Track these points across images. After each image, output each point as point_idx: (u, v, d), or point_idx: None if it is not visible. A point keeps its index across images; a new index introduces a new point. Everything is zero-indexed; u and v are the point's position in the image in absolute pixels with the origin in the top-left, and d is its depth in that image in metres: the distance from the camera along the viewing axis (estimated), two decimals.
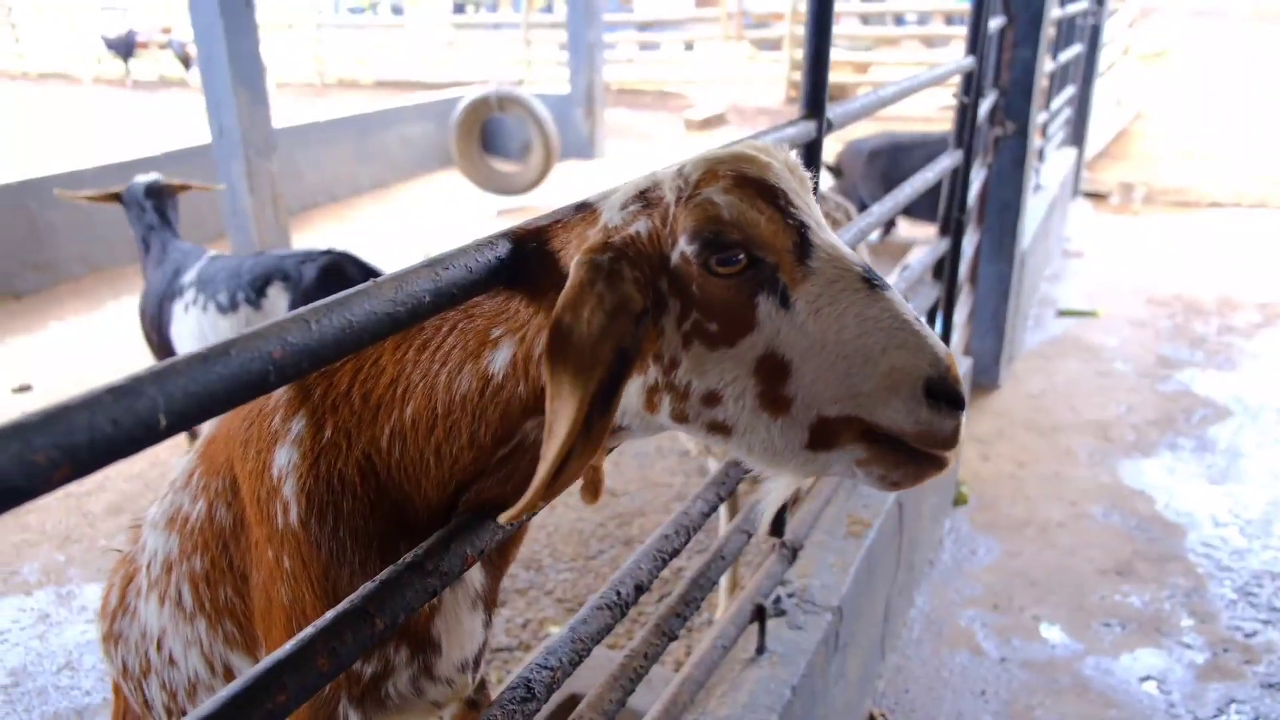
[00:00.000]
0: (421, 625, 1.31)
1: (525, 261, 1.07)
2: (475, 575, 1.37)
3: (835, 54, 10.50)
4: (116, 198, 4.24)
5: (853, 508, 2.89)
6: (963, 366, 4.07)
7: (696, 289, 1.00)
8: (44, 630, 3.50)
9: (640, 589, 1.52)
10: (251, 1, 7.12)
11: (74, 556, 3.96)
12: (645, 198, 1.05)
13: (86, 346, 6.31)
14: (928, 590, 3.67)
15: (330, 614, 0.96)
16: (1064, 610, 3.55)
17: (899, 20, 18.02)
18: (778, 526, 2.32)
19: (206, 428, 1.52)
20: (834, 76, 12.38)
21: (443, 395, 1.12)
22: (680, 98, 16.49)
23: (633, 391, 1.06)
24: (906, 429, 0.96)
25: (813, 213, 1.04)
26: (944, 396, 0.96)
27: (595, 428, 0.97)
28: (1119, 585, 3.67)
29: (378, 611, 0.97)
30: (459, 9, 21.51)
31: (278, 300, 3.74)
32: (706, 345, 1.00)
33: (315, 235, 8.95)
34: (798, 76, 15.69)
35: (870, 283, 1.00)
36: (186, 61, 19.91)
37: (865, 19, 17.09)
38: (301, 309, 0.82)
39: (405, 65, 19.39)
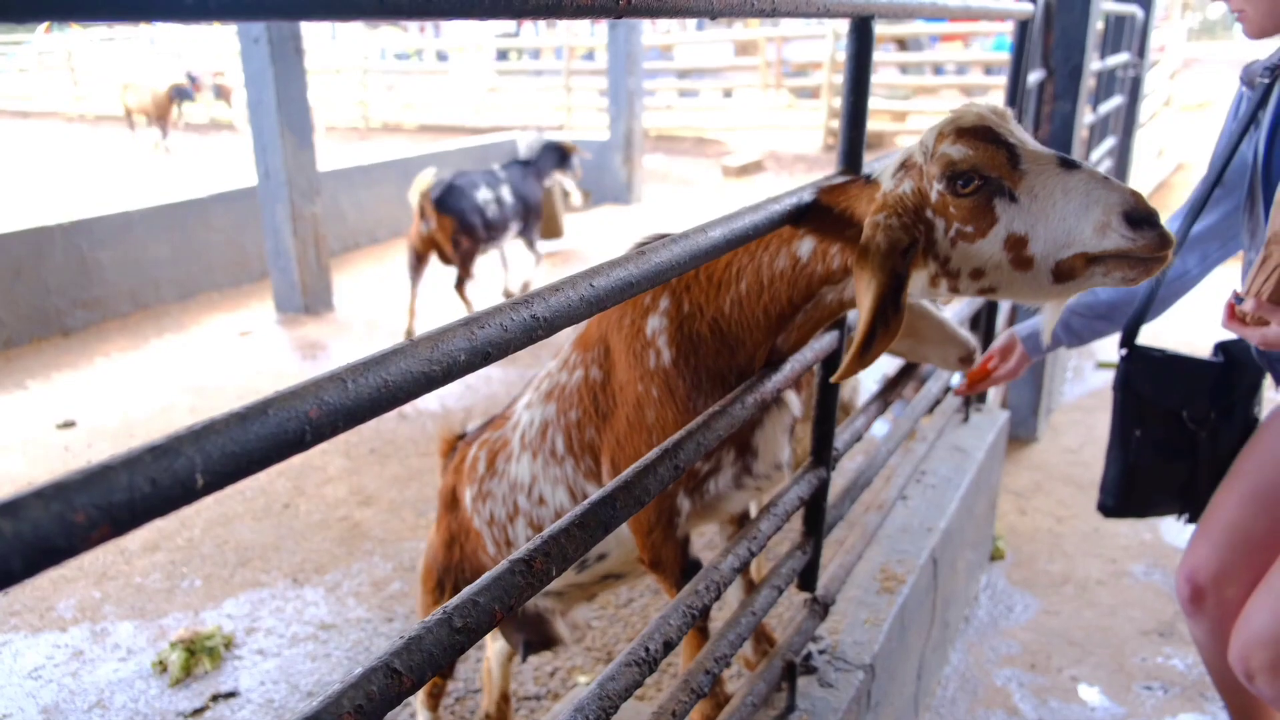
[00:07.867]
0: (745, 435, 1.84)
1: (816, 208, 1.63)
2: (794, 401, 1.91)
3: (873, 103, 10.52)
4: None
5: (886, 562, 2.85)
6: (999, 419, 4.02)
7: (953, 209, 1.44)
8: (77, 668, 3.53)
9: (669, 645, 1.51)
10: (301, 49, 7.31)
11: (109, 593, 4.00)
12: (905, 165, 1.51)
13: (131, 383, 6.41)
14: (963, 648, 3.60)
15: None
16: (1104, 672, 3.47)
17: (938, 70, 18.07)
18: (808, 581, 2.30)
19: (580, 327, 1.97)
20: (872, 125, 12.45)
21: (767, 271, 1.65)
22: (718, 144, 16.61)
23: (920, 280, 1.51)
24: (1126, 248, 1.34)
25: (1015, 132, 1.43)
26: (1141, 220, 1.34)
27: (892, 322, 1.44)
28: (1161, 647, 3.58)
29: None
30: (502, 56, 21.90)
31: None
32: (966, 241, 1.44)
33: (355, 275, 9.08)
34: (835, 124, 15.77)
35: (1066, 163, 1.38)
36: (226, 96, 20.33)
37: (904, 68, 17.15)
38: (339, 368, 0.83)
39: (449, 110, 19.73)
